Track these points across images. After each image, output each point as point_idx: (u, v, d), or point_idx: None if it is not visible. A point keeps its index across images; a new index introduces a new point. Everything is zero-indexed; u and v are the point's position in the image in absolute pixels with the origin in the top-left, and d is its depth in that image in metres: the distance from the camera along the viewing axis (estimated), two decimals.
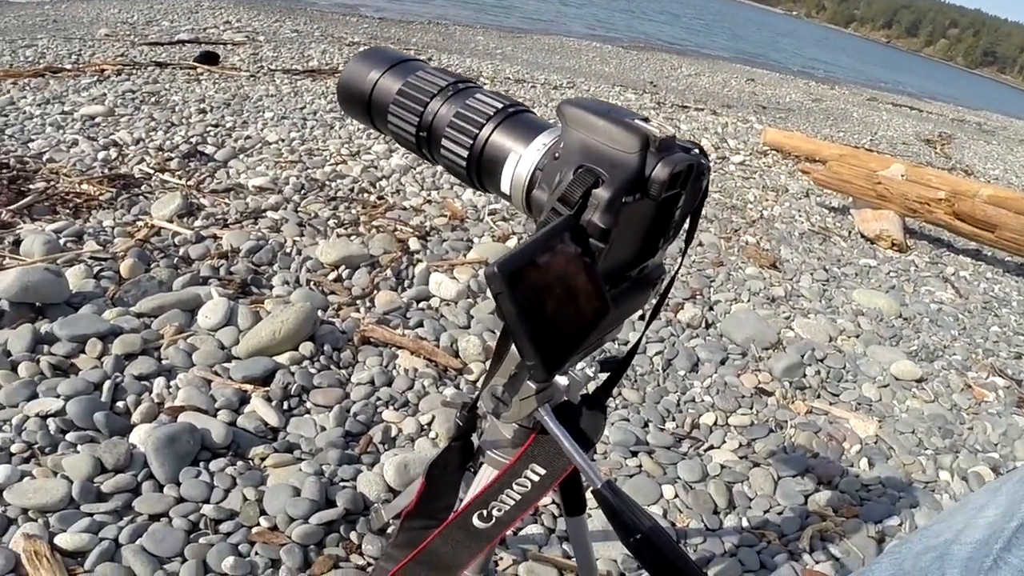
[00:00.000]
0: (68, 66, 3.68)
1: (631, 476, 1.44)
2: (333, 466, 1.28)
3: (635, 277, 0.62)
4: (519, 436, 0.69)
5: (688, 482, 1.46)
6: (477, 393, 0.64)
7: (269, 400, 1.40)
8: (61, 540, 1.04)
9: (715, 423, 1.68)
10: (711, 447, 1.60)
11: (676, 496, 1.42)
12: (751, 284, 2.49)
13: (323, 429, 1.38)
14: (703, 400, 1.76)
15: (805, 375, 1.97)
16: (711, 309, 2.24)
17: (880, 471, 1.62)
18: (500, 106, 0.63)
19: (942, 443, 1.79)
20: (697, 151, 0.57)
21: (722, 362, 1.94)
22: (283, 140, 2.93)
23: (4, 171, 2.15)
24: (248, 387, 1.42)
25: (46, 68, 3.54)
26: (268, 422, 1.36)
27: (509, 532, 1.17)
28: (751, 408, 1.77)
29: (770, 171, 4.44)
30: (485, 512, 0.66)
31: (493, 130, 0.62)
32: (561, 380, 0.62)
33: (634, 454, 1.51)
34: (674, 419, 1.67)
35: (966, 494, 1.60)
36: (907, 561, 0.55)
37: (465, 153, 0.63)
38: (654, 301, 0.67)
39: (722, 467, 1.52)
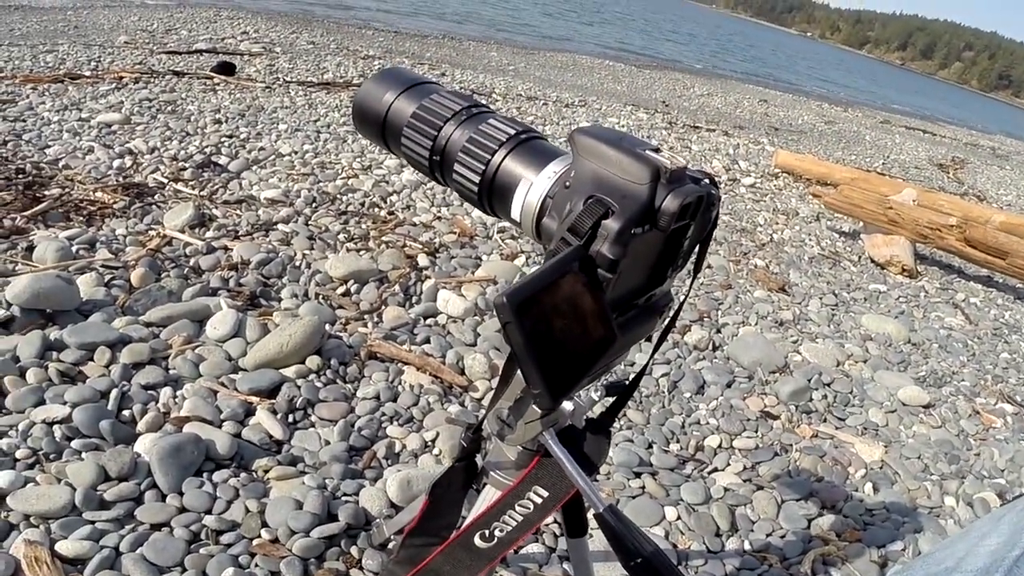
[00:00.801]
0: (87, 73, 3.72)
1: (634, 497, 1.44)
2: (336, 480, 1.28)
3: (642, 305, 0.62)
4: (523, 458, 0.69)
5: (691, 504, 1.45)
6: (482, 415, 0.64)
7: (274, 413, 1.41)
8: (62, 547, 1.04)
9: (720, 446, 1.68)
10: (715, 469, 1.59)
11: (678, 518, 1.41)
12: (759, 307, 2.48)
13: (327, 443, 1.38)
14: (708, 422, 1.76)
15: (811, 399, 1.96)
16: (718, 332, 2.24)
17: (885, 496, 1.61)
18: (513, 132, 0.63)
19: (948, 469, 1.77)
20: (707, 182, 0.57)
21: (728, 385, 1.94)
22: (296, 152, 2.96)
23: (20, 176, 2.18)
24: (254, 399, 1.43)
25: (65, 74, 3.58)
26: (273, 435, 1.36)
27: (510, 551, 1.17)
28: (756, 431, 1.76)
29: (781, 194, 4.44)
30: (487, 532, 0.66)
31: (505, 156, 0.62)
32: (566, 405, 0.63)
33: (637, 475, 1.50)
34: (678, 441, 1.66)
35: (971, 520, 1.58)
36: None
37: (477, 179, 0.63)
38: (662, 326, 0.67)
39: (725, 490, 1.51)
